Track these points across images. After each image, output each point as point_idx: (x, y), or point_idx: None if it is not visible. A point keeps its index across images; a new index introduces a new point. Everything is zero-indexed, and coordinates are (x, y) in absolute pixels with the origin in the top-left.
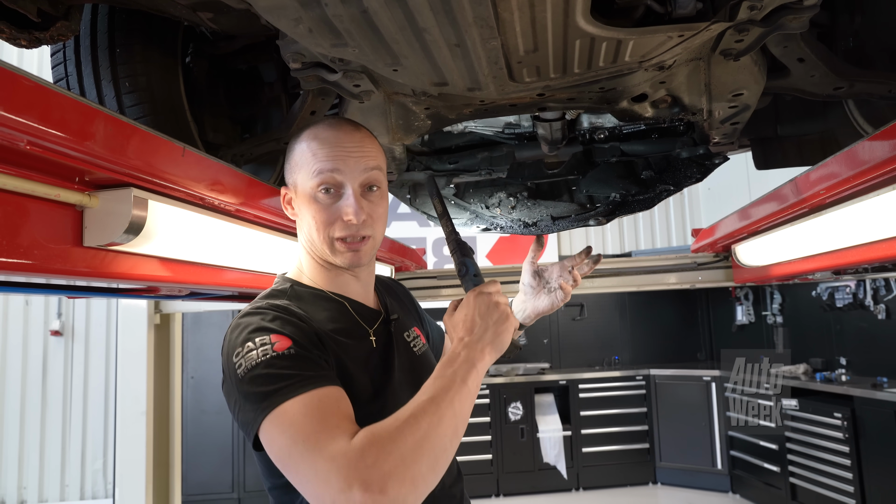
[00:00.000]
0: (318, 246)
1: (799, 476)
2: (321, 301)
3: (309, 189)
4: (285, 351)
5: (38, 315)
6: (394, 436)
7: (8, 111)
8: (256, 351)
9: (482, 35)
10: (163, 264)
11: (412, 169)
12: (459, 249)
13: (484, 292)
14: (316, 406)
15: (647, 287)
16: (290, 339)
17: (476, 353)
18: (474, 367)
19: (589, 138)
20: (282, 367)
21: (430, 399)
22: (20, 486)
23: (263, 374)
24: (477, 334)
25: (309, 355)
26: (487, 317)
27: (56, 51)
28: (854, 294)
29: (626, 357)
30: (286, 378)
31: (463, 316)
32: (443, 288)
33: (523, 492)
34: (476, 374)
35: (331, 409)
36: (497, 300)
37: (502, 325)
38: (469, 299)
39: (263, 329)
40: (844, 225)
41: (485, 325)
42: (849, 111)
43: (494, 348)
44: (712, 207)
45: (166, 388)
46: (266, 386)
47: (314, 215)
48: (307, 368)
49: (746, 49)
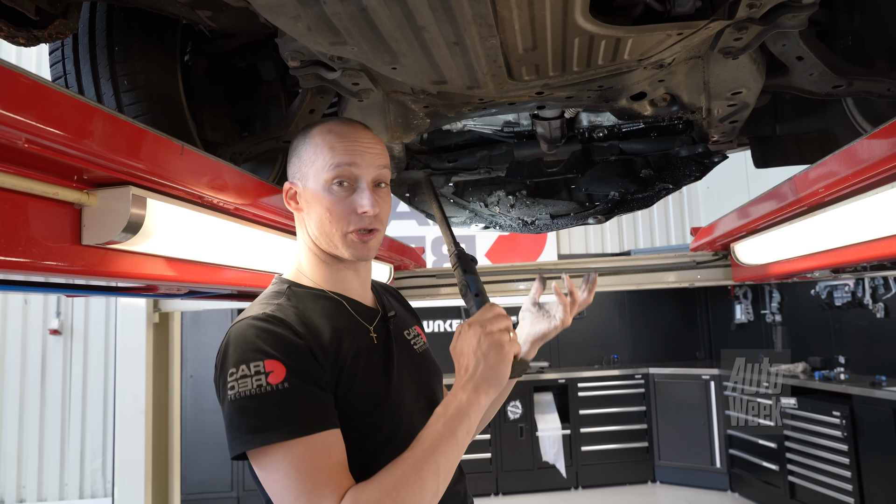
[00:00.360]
0: (328, 239)
1: (798, 475)
2: (319, 300)
3: (324, 181)
4: (279, 385)
5: (37, 314)
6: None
7: (6, 109)
8: (250, 379)
9: (481, 33)
10: (161, 263)
11: (411, 167)
12: (461, 265)
13: (476, 322)
14: (308, 458)
15: (646, 286)
16: (285, 368)
17: (471, 394)
18: (467, 415)
19: (588, 137)
20: (274, 404)
21: (416, 464)
22: (19, 485)
23: (255, 407)
24: (471, 372)
25: (304, 389)
26: (479, 350)
27: (54, 49)
28: (853, 293)
29: (625, 356)
30: (278, 418)
31: (459, 350)
32: (442, 287)
33: (522, 490)
34: (469, 422)
35: (321, 461)
36: (490, 330)
37: (496, 358)
38: (464, 332)
39: (258, 351)
40: (843, 223)
41: (477, 360)
42: (848, 110)
43: (490, 384)
44: (711, 206)
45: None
46: (257, 421)
47: (329, 207)
48: (301, 407)
49: (745, 47)
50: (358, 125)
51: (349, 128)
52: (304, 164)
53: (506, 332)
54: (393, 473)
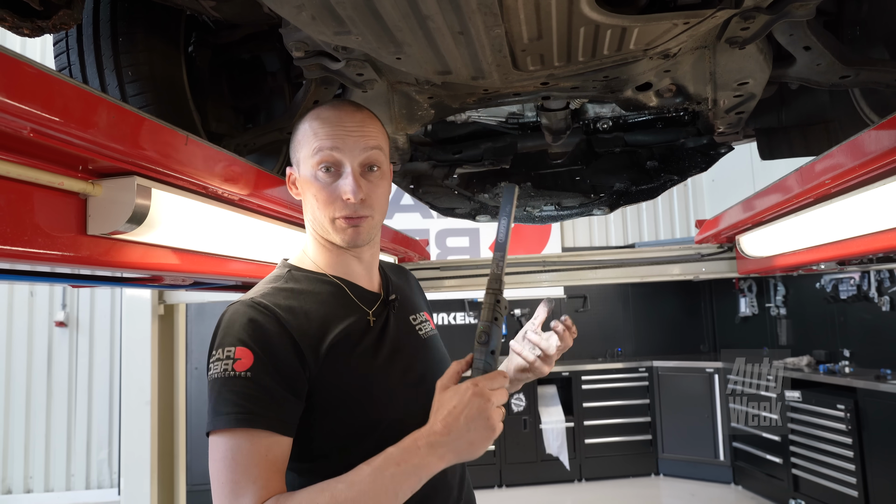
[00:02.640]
0: (320, 224)
1: (801, 468)
2: (318, 284)
3: (310, 168)
4: (242, 373)
5: (43, 306)
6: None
7: (11, 98)
8: (221, 363)
9: (486, 22)
10: (166, 253)
11: (416, 159)
12: (494, 308)
13: (483, 395)
14: (246, 450)
15: (651, 278)
16: (253, 357)
17: (434, 459)
18: (419, 477)
19: (593, 128)
20: (232, 391)
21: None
22: (26, 476)
23: (217, 390)
24: (451, 436)
25: (264, 382)
26: (473, 422)
27: (59, 40)
28: (858, 286)
29: (629, 349)
30: (231, 405)
31: (450, 405)
32: (446, 279)
33: (526, 483)
34: (416, 483)
35: (257, 457)
36: (490, 413)
37: (483, 437)
38: (465, 392)
39: (235, 337)
40: (849, 215)
41: (464, 430)
42: (855, 100)
43: (459, 457)
44: (716, 198)
45: (170, 378)
46: (215, 403)
47: (315, 194)
48: (254, 400)
49: (752, 37)
50: (348, 108)
51: (336, 112)
52: (296, 149)
53: (501, 410)
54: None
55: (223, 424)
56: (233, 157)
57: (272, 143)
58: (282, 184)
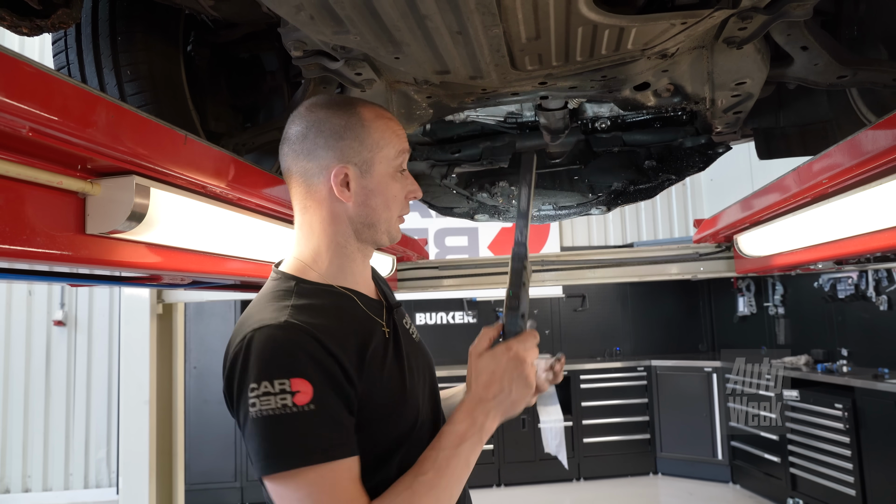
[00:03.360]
0: (377, 227)
1: (799, 467)
2: (330, 297)
3: (395, 167)
4: (305, 406)
5: (42, 305)
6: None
7: (10, 98)
8: (274, 398)
9: (484, 22)
10: (165, 252)
11: (414, 158)
12: (521, 273)
13: (520, 356)
14: (329, 480)
15: (649, 278)
16: (312, 388)
17: (491, 421)
18: (482, 441)
19: (591, 128)
20: (298, 427)
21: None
22: (25, 475)
23: (279, 428)
24: (498, 399)
25: (330, 411)
26: (514, 383)
27: (57, 39)
28: (856, 285)
29: (628, 348)
30: (302, 443)
31: (490, 370)
32: (445, 279)
33: (524, 482)
34: (480, 448)
35: (341, 484)
36: (527, 372)
37: (523, 396)
38: (502, 355)
39: (284, 367)
40: (847, 215)
41: (507, 390)
42: (852, 100)
43: (506, 415)
44: (714, 198)
45: (169, 377)
46: (280, 444)
47: (397, 194)
48: (325, 432)
49: (750, 37)
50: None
51: (386, 111)
52: (366, 149)
53: (535, 367)
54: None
55: (299, 464)
56: (232, 156)
57: (271, 142)
58: (280, 183)
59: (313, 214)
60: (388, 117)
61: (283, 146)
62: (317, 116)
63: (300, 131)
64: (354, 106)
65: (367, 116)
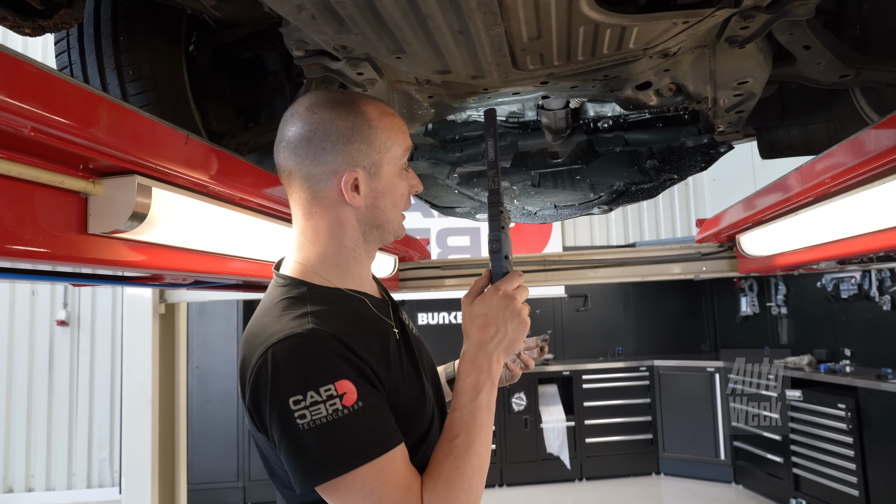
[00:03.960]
0: (383, 227)
1: (802, 467)
2: (343, 300)
3: (402, 165)
4: (354, 406)
5: (45, 305)
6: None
7: (12, 97)
8: (324, 406)
9: (486, 22)
10: (167, 252)
11: (416, 158)
12: (499, 218)
13: (508, 293)
14: (390, 470)
15: (651, 277)
16: (354, 385)
17: (494, 363)
18: (494, 384)
19: (593, 127)
20: (354, 427)
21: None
22: (28, 475)
23: (337, 433)
24: (495, 340)
25: (375, 403)
26: (507, 321)
27: (60, 39)
28: (859, 285)
29: (630, 348)
30: (359, 441)
31: (483, 313)
32: (447, 278)
33: (527, 482)
34: (495, 390)
35: (399, 471)
36: (519, 307)
37: (519, 333)
38: (491, 297)
39: (325, 373)
40: (850, 214)
41: (503, 330)
42: (855, 99)
43: (507, 352)
44: (717, 197)
45: (171, 377)
46: (339, 447)
47: (404, 192)
48: (377, 424)
49: (752, 36)
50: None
51: (388, 105)
52: (374, 150)
53: (526, 305)
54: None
55: (362, 461)
56: (233, 156)
57: (273, 142)
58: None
59: (319, 219)
60: (392, 114)
61: (281, 148)
62: (321, 118)
63: (303, 134)
64: (358, 105)
65: (372, 115)
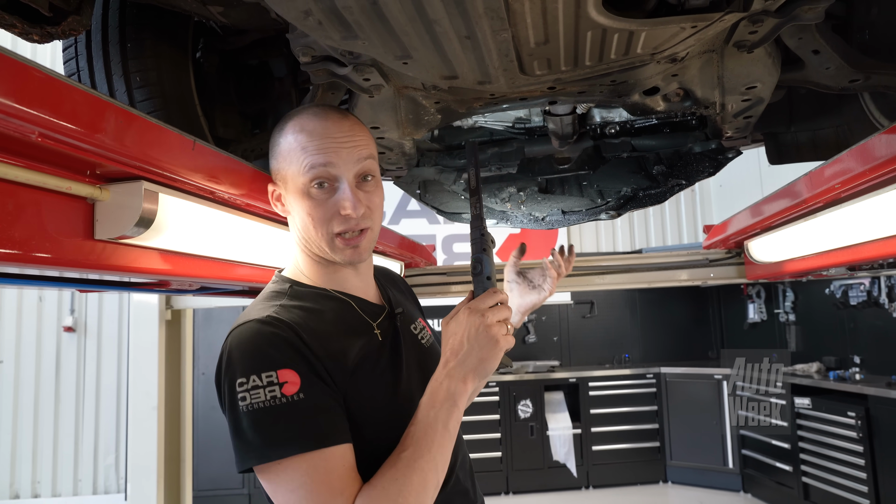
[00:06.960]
0: (315, 243)
1: (812, 475)
2: (323, 300)
3: (301, 185)
4: (293, 396)
5: (52, 311)
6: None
7: (20, 103)
8: (263, 391)
9: (493, 27)
10: (173, 258)
11: (422, 164)
12: (480, 241)
13: (478, 309)
14: (323, 468)
15: (658, 284)
16: (299, 378)
17: (458, 383)
18: (456, 405)
19: (600, 133)
20: (290, 416)
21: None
22: (34, 481)
23: (269, 420)
24: (460, 359)
25: (319, 399)
26: (475, 340)
27: (68, 46)
28: (868, 292)
29: (637, 355)
30: (294, 431)
31: (454, 332)
32: (452, 284)
33: (533, 489)
34: (457, 412)
35: (336, 472)
36: (489, 322)
37: (489, 352)
38: (462, 316)
39: (270, 359)
40: (859, 220)
41: (470, 349)
42: (864, 104)
43: (477, 375)
44: (724, 204)
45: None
46: (272, 434)
47: (310, 212)
48: (318, 420)
49: (760, 41)
50: (334, 116)
51: (322, 122)
52: (281, 164)
53: (503, 324)
54: (395, 477)
55: (293, 452)
56: (240, 162)
57: None
58: None
59: (290, 225)
60: (309, 129)
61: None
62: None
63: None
64: (290, 117)
65: (288, 130)
